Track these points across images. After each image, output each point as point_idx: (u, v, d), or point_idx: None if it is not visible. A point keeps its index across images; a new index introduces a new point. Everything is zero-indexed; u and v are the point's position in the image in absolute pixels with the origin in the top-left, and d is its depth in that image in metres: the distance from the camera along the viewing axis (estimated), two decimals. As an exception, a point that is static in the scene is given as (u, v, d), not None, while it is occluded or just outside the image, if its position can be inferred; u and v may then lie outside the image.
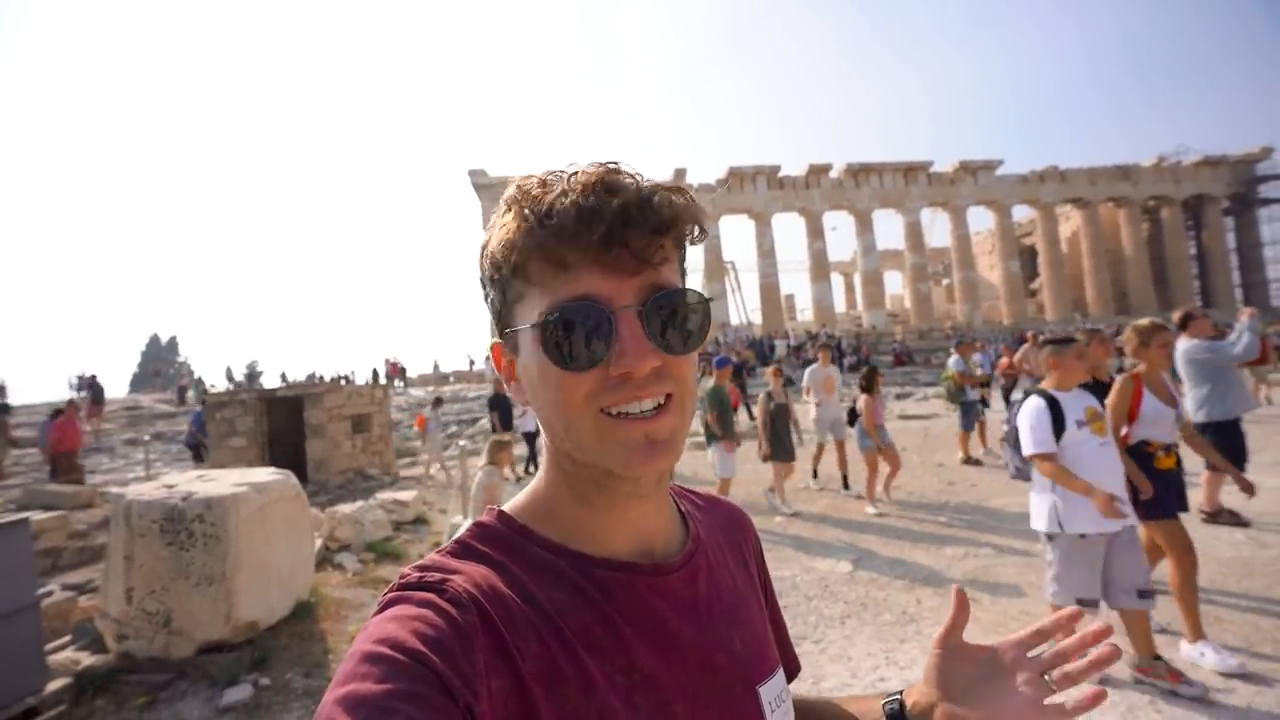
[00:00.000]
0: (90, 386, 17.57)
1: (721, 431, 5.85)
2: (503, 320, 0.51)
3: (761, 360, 24.63)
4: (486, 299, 0.52)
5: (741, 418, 10.86)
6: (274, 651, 3.42)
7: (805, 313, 39.91)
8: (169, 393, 25.99)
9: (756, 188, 30.65)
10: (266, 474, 4.00)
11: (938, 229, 35.63)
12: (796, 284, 54.67)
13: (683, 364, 0.48)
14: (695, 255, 32.21)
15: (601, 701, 0.44)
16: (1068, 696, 0.51)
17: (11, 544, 2.97)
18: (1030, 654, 0.54)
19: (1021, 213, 34.93)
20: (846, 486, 6.86)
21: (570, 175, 0.46)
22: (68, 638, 3.74)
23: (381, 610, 0.44)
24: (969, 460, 7.80)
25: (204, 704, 3.00)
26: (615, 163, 0.47)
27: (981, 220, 35.90)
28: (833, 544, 5.13)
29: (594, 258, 0.45)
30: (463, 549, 0.50)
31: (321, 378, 21.64)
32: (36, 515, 5.55)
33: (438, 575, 0.45)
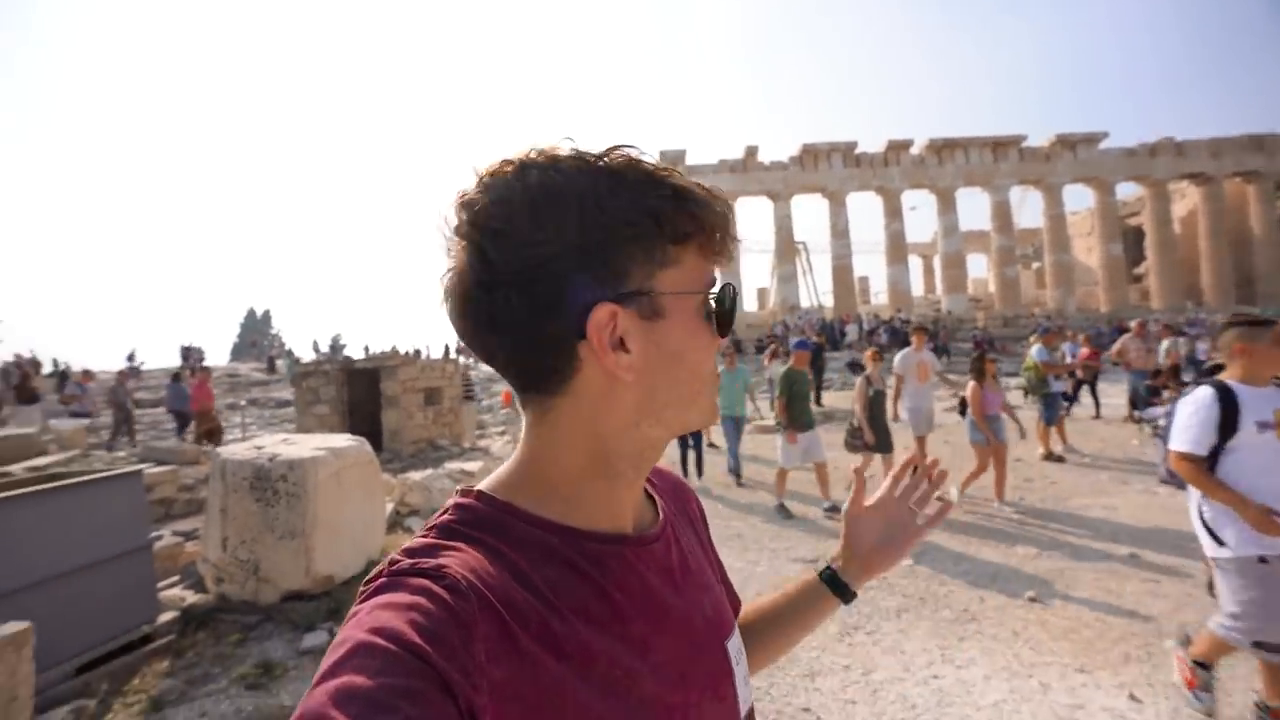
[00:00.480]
0: (196, 354, 19.29)
1: (788, 420, 5.59)
2: (630, 280, 0.48)
3: (832, 344, 23.95)
4: (596, 249, 0.47)
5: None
6: (346, 604, 3.70)
7: (880, 296, 38.33)
8: (263, 362, 28.15)
9: (831, 165, 29.52)
10: (343, 440, 4.28)
11: (1028, 209, 33.28)
12: (871, 266, 52.50)
13: None
14: (766, 235, 31.47)
15: (603, 671, 0.46)
16: (924, 517, 0.78)
17: (128, 491, 3.33)
18: (902, 497, 0.78)
19: (1125, 191, 32.00)
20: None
21: (671, 169, 0.52)
22: (176, 577, 4.18)
23: (370, 596, 0.43)
24: (1050, 456, 7.33)
25: (286, 645, 3.29)
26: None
27: (1079, 199, 33.23)
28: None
29: (721, 248, 0.53)
30: (447, 532, 0.49)
31: (404, 352, 22.81)
32: (150, 469, 6.17)
33: (431, 561, 0.44)
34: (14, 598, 2.56)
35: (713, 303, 0.53)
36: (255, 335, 54.95)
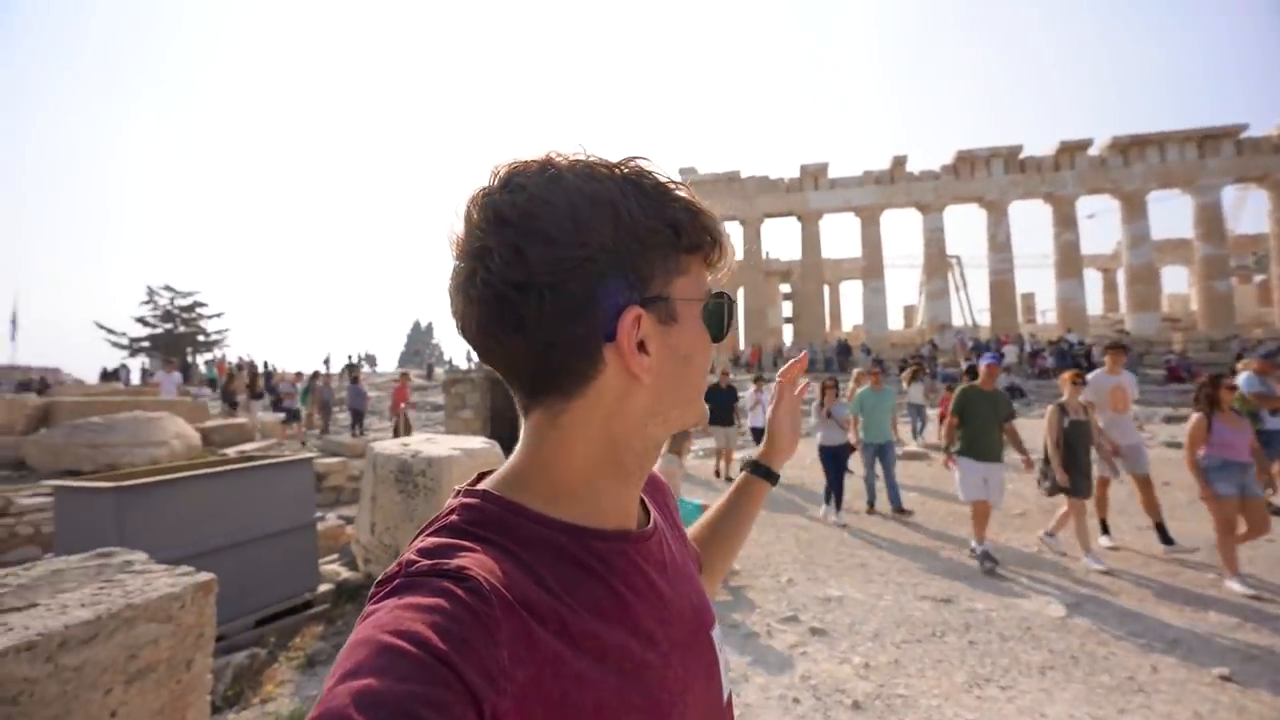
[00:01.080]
0: (369, 360, 22.07)
1: (955, 442, 5.01)
2: (651, 286, 0.51)
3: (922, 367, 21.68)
4: (627, 254, 0.49)
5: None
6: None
7: (1048, 315, 34.22)
8: (423, 369, 31.47)
9: (990, 172, 27.03)
10: (478, 442, 4.66)
11: (1246, 213, 27.94)
12: (1038, 281, 46.89)
13: None
14: (915, 250, 29.33)
15: (616, 662, 0.47)
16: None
17: (299, 476, 3.89)
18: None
19: (1395, 185, 25.73)
20: (1166, 539, 5.01)
21: (679, 182, 0.54)
22: (335, 555, 4.79)
23: (387, 597, 0.42)
24: (1266, 507, 6.04)
25: (417, 625, 3.64)
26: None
27: (1323, 198, 27.27)
28: (1043, 582, 4.39)
29: (717, 257, 0.56)
30: (458, 532, 0.48)
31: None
32: (323, 459, 7.12)
33: (451, 562, 0.44)
34: (206, 558, 3.10)
35: (707, 310, 0.56)
36: (419, 345, 61.48)
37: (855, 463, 6.92)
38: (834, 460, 6.29)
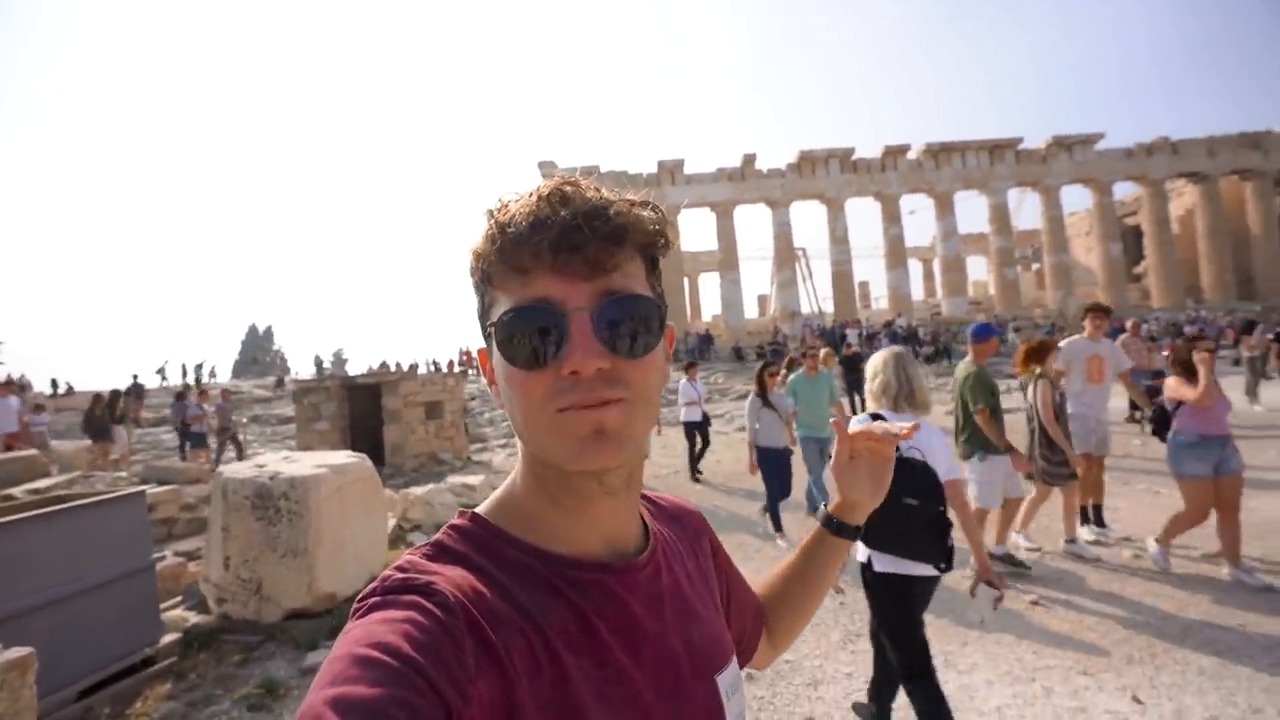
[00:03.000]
0: (210, 372, 19.39)
1: (998, 435, 3.97)
2: (483, 325, 0.53)
3: (833, 350, 23.88)
4: (476, 290, 0.54)
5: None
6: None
7: (880, 301, 38.43)
8: (264, 379, 28.24)
9: (829, 171, 29.66)
10: (344, 456, 4.29)
11: (1025, 211, 33.42)
12: (871, 271, 52.52)
13: (635, 369, 0.49)
14: (765, 242, 31.57)
15: (576, 694, 0.46)
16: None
17: (131, 512, 3.34)
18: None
19: (1122, 190, 32.12)
20: (1101, 523, 4.72)
21: (533, 189, 0.50)
22: (178, 598, 4.18)
23: (365, 614, 0.44)
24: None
25: (289, 664, 3.29)
26: (574, 179, 0.50)
27: (1077, 200, 33.35)
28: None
29: (549, 264, 0.47)
30: (440, 550, 0.51)
31: (398, 366, 22.91)
32: (153, 489, 6.18)
33: (422, 578, 0.45)
34: (16, 622, 2.57)
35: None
36: (257, 351, 55.08)
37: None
38: (774, 465, 5.13)
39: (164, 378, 23.07)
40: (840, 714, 2.72)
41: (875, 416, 2.03)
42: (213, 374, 26.87)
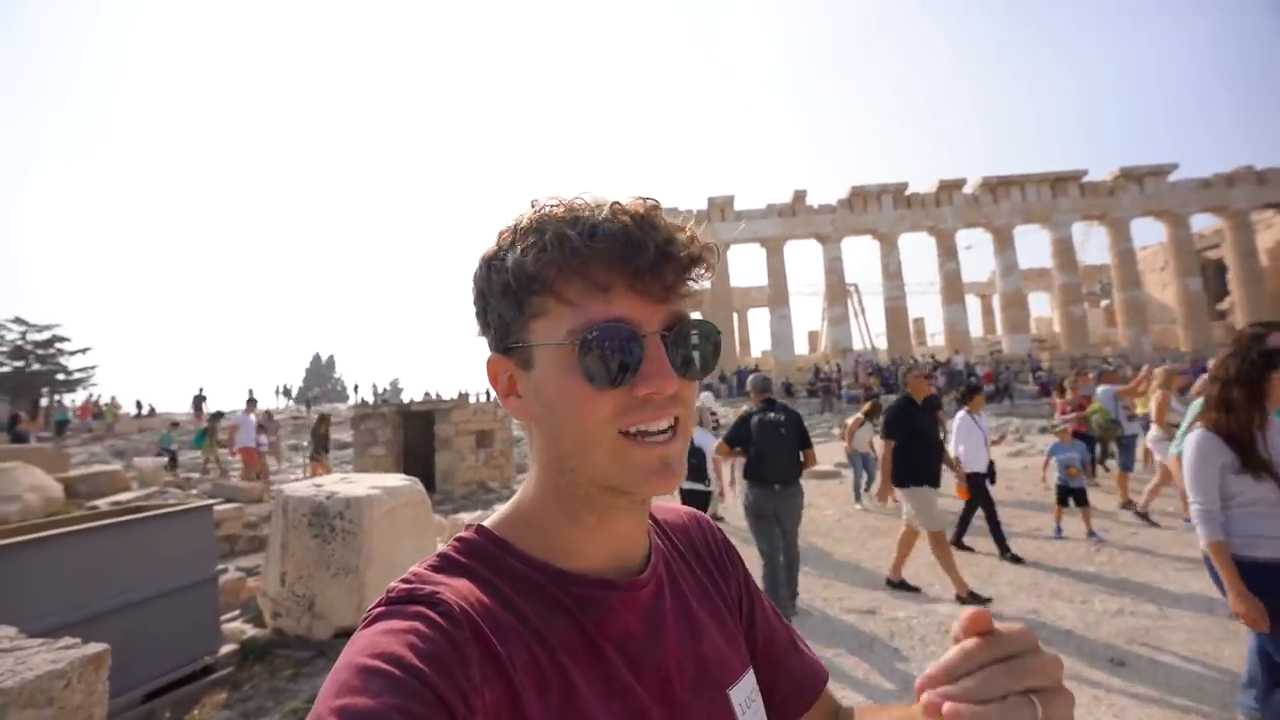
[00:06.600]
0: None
1: None
2: (510, 335, 0.51)
3: (887, 388, 23.22)
4: (486, 312, 0.53)
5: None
6: (397, 642, 3.74)
7: (936, 337, 37.20)
8: (325, 404, 29.59)
9: (881, 207, 29.30)
10: (397, 480, 4.42)
11: (1092, 245, 32.02)
12: (926, 307, 51.06)
13: (690, 390, 0.51)
14: (816, 278, 31.22)
15: (584, 708, 0.46)
16: None
17: (199, 525, 3.52)
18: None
19: (1201, 223, 30.37)
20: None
21: (613, 203, 0.49)
22: (237, 611, 4.34)
23: (371, 624, 0.44)
24: (1128, 505, 6.82)
25: (337, 682, 3.35)
26: (651, 200, 0.50)
27: (1148, 233, 31.74)
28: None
29: (630, 283, 0.47)
30: (446, 563, 0.51)
31: (453, 394, 23.58)
32: (218, 505, 6.50)
33: (426, 589, 0.46)
34: (93, 623, 2.73)
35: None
36: (317, 380, 57.70)
37: None
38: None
39: (289, 397, 25.20)
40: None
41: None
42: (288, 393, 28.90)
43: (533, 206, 0.51)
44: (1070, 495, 5.82)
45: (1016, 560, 5.16)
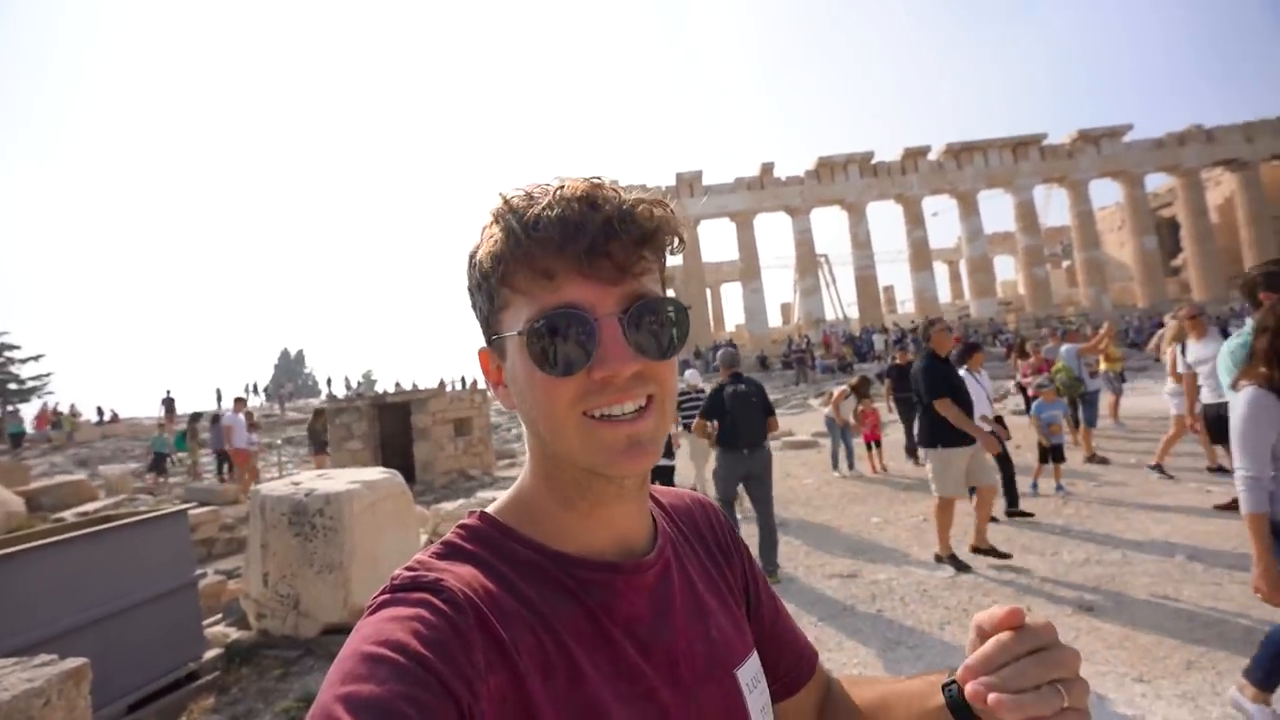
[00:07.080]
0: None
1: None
2: (490, 327, 0.53)
3: (859, 357, 23.60)
4: (474, 306, 0.54)
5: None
6: (386, 635, 3.73)
7: (906, 304, 37.87)
8: (298, 400, 29.05)
9: (848, 177, 29.47)
10: (376, 473, 4.36)
11: (1053, 207, 32.71)
12: (895, 275, 51.80)
13: (662, 368, 0.50)
14: (786, 249, 31.45)
15: (591, 691, 0.46)
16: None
17: (174, 531, 3.44)
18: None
19: (1155, 183, 31.24)
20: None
21: (556, 189, 0.48)
22: (219, 615, 4.28)
23: (375, 611, 0.44)
24: (1094, 458, 7.09)
25: (327, 679, 3.34)
26: (599, 177, 0.49)
27: (1106, 194, 32.52)
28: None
29: (577, 268, 0.46)
30: (450, 549, 0.51)
31: (434, 385, 23.24)
32: (193, 509, 6.35)
33: (430, 575, 0.46)
34: (69, 637, 2.66)
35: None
36: (286, 376, 56.44)
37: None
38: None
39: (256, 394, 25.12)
40: None
41: None
42: (256, 391, 28.53)
43: (501, 198, 0.50)
44: (1049, 452, 6.03)
45: (1026, 515, 5.29)
